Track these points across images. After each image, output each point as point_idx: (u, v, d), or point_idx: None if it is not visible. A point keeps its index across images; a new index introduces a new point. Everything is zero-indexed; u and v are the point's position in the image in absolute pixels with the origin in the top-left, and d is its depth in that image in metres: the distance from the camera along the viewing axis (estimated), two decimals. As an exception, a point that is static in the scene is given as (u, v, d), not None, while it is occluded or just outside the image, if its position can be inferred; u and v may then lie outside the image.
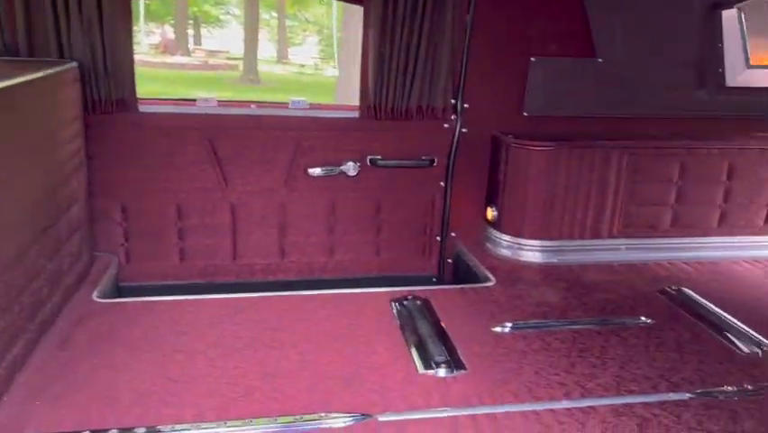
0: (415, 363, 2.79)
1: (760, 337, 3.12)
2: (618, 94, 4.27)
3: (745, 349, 3.03)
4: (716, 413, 2.49)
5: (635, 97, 4.30)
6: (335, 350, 2.87)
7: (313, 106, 3.95)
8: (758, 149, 4.17)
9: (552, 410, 2.48)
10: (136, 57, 3.63)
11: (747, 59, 4.16)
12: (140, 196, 3.78)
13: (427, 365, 2.76)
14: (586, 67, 4.18)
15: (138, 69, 3.65)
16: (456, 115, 4.03)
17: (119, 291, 3.77)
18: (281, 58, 27.82)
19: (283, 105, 3.97)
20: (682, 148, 4.11)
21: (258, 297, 3.41)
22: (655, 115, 4.38)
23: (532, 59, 4.11)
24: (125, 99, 3.57)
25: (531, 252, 4.10)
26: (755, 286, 3.81)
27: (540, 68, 4.13)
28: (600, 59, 4.17)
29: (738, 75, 4.22)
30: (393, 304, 3.37)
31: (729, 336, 3.15)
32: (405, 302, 3.38)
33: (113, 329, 2.96)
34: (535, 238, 4.09)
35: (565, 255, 4.10)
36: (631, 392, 2.63)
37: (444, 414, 2.43)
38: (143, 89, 3.80)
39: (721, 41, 4.19)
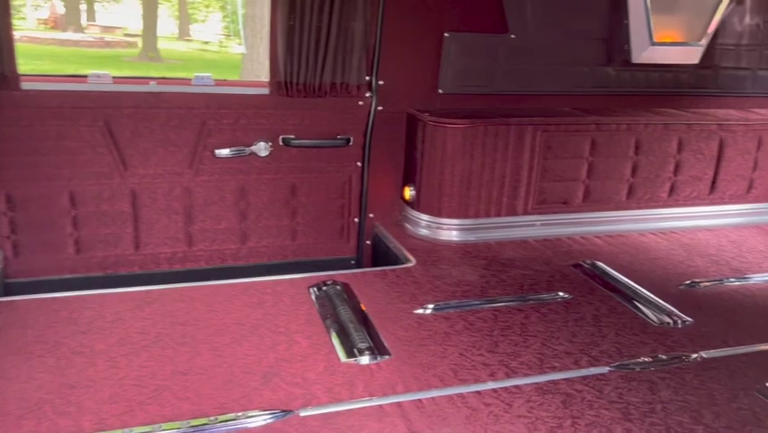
0: (337, 351, 2.67)
1: (671, 307, 3.22)
2: (530, 70, 4.29)
3: (657, 319, 3.12)
4: (635, 385, 2.54)
5: (547, 74, 4.33)
6: (251, 343, 2.71)
7: (219, 83, 3.70)
8: (662, 124, 4.31)
9: (478, 393, 2.44)
10: (21, 32, 3.26)
11: (651, 36, 4.27)
12: (27, 183, 3.41)
13: (350, 353, 2.65)
14: (499, 43, 4.16)
15: (23, 46, 3.29)
16: (371, 92, 3.90)
17: (6, 289, 3.41)
18: (183, 35, 26.64)
19: (186, 81, 3.69)
20: (592, 124, 4.18)
21: (164, 289, 3.17)
22: (566, 92, 4.44)
23: (445, 34, 4.03)
24: (4, 75, 3.20)
25: (449, 231, 4.07)
26: (662, 257, 3.95)
27: (454, 44, 4.06)
28: (513, 35, 4.16)
29: (643, 51, 4.33)
30: (312, 290, 3.23)
31: (642, 307, 3.24)
32: (324, 288, 3.25)
33: (0, 332, 2.65)
34: (453, 217, 4.06)
35: (483, 233, 4.09)
36: (554, 369, 2.63)
37: (370, 403, 2.34)
38: (28, 67, 3.41)
39: (627, 18, 4.27)
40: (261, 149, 3.74)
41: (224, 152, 3.69)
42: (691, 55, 4.47)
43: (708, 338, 2.94)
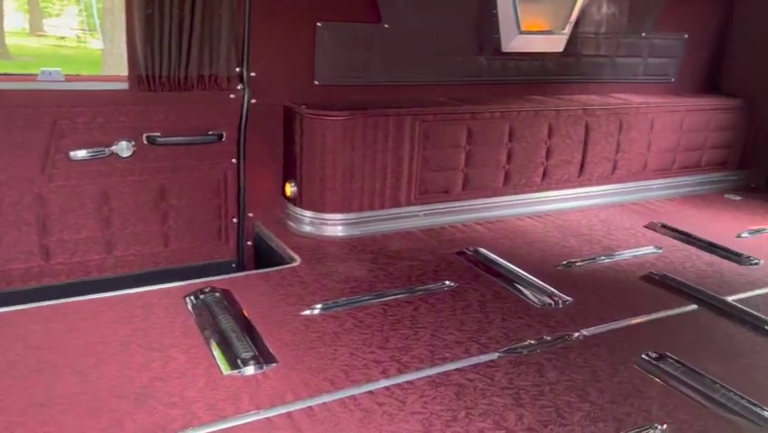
0: (218, 364, 2.48)
1: (551, 288, 3.31)
2: (405, 60, 4.27)
3: (539, 301, 3.19)
4: (524, 369, 2.56)
5: (422, 64, 4.33)
6: (122, 362, 2.45)
7: (70, 78, 3.35)
8: (533, 111, 4.45)
9: (370, 392, 2.35)
10: None
11: (519, 25, 4.39)
12: None
13: (233, 365, 2.47)
14: (372, 32, 4.09)
15: None
16: (243, 84, 3.69)
17: None
18: (35, 30, 24.50)
19: (32, 77, 3.30)
20: (468, 113, 4.23)
21: (17, 310, 2.82)
22: (442, 82, 4.46)
23: (318, 24, 3.90)
24: None
25: (334, 226, 3.96)
26: (539, 240, 4.07)
27: (327, 33, 3.95)
28: (386, 25, 4.11)
29: (512, 40, 4.44)
30: (188, 299, 2.99)
31: (524, 290, 3.30)
32: (201, 296, 3.02)
33: None
34: (337, 212, 3.95)
35: (368, 226, 4.02)
36: (445, 360, 2.60)
37: (257, 417, 2.18)
38: None
39: (495, 8, 4.35)
40: (123, 149, 3.43)
41: (81, 153, 3.35)
42: (556, 43, 4.65)
43: (588, 316, 3.05)
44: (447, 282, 3.34)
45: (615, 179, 4.93)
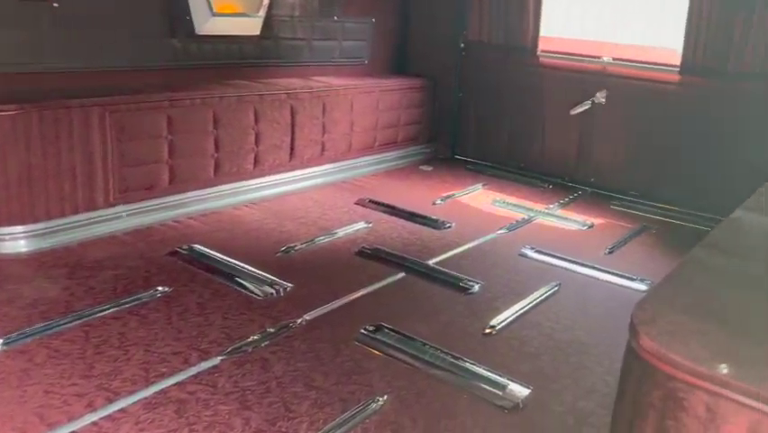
0: None
1: (272, 277, 3.25)
2: (83, 44, 3.77)
3: (261, 292, 3.11)
4: (249, 368, 2.46)
5: (103, 48, 3.88)
6: None
7: None
8: (236, 96, 4.31)
9: (74, 433, 2.03)
10: None
11: (211, 7, 4.19)
12: None
13: None
14: (40, 12, 3.53)
15: None
16: None
17: None
18: None
19: None
20: (166, 100, 3.92)
21: None
22: (134, 67, 4.06)
23: None
24: None
25: (14, 241, 3.36)
26: (256, 228, 3.99)
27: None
28: (56, 4, 3.57)
29: (206, 23, 4.22)
30: None
31: (245, 283, 3.19)
32: None
33: None
34: (17, 223, 3.36)
35: (59, 236, 3.50)
36: (162, 376, 2.37)
37: None
38: None
39: (184, -12, 4.09)
40: None
41: None
42: (252, 26, 4.56)
43: (309, 300, 3.06)
44: (160, 288, 3.06)
45: (324, 160, 5.07)
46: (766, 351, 1.30)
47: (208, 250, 3.55)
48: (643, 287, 3.46)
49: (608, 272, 3.64)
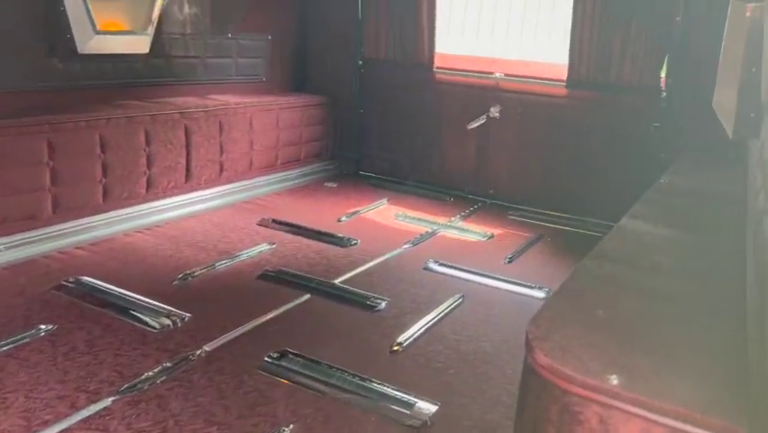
0: None
1: (169, 307, 3.09)
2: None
3: (158, 324, 2.95)
4: (143, 407, 2.31)
5: None
6: None
7: None
8: (125, 117, 4.10)
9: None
10: None
11: (94, 25, 3.97)
12: None
13: None
14: None
15: None
16: None
17: None
18: None
19: None
20: (45, 124, 3.67)
21: None
22: (6, 90, 3.76)
23: None
24: None
25: None
26: (151, 255, 3.79)
27: None
28: None
29: (89, 41, 3.99)
30: None
31: (140, 315, 3.02)
32: None
33: None
34: None
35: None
36: (46, 424, 2.18)
37: None
38: None
39: (62, 4, 3.85)
40: None
41: None
42: (140, 44, 4.36)
43: (209, 329, 2.93)
44: (43, 326, 2.83)
45: (224, 181, 4.91)
46: (655, 359, 1.35)
47: (98, 282, 3.33)
48: (541, 294, 3.57)
49: (509, 282, 3.74)
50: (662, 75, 4.77)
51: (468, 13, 7.25)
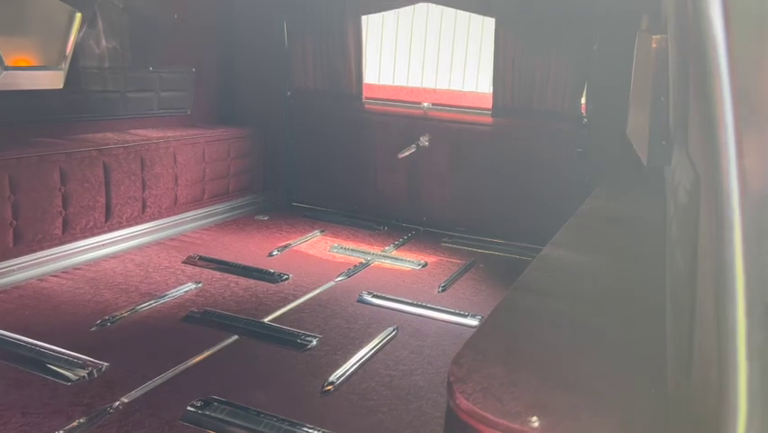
0: None
1: (84, 357, 2.90)
2: None
3: (72, 376, 2.76)
4: (51, 472, 2.14)
5: None
6: None
7: None
8: (37, 156, 3.89)
9: None
10: None
11: (1, 61, 3.76)
12: None
13: None
14: None
15: None
16: None
17: None
18: None
19: None
20: None
21: None
22: None
23: None
24: None
25: None
26: (67, 301, 3.58)
27: None
28: None
29: (-4, 77, 3.79)
30: None
31: (52, 367, 2.82)
32: None
33: None
34: None
35: None
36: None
37: None
38: None
39: (-35, 39, 3.64)
40: None
41: None
42: (53, 79, 4.15)
43: (128, 378, 2.76)
44: (-60, 387, 2.61)
45: (147, 218, 4.72)
46: (575, 397, 1.33)
47: (6, 333, 3.10)
48: (474, 322, 3.56)
49: (442, 311, 3.72)
50: (583, 101, 4.94)
51: (398, 44, 7.36)
